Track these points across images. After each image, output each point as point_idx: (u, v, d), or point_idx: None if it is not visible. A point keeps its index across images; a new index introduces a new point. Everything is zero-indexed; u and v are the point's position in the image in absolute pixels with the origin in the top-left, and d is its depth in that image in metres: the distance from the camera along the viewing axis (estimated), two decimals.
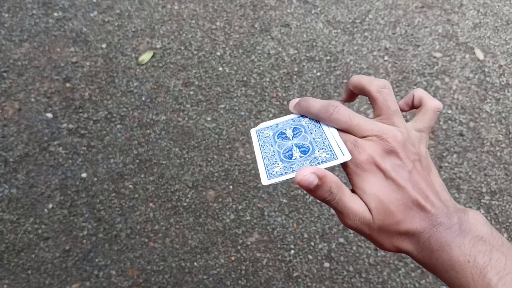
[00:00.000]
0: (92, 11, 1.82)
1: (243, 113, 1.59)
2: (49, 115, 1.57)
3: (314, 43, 1.75)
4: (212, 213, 1.40)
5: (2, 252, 1.33)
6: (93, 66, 1.68)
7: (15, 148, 1.50)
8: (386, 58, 1.72)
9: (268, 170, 0.34)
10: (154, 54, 1.72)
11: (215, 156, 1.50)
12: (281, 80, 1.66)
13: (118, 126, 1.56)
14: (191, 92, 1.63)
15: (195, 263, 1.33)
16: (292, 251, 1.35)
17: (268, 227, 1.38)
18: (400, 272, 1.32)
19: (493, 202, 1.43)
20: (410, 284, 1.30)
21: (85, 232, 1.37)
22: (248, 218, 1.40)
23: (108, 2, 1.85)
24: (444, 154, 1.51)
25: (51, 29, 1.77)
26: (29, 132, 1.53)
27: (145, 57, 1.71)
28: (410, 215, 0.31)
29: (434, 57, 1.72)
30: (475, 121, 1.58)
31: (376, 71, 1.68)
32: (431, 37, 1.77)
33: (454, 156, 1.51)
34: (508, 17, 1.83)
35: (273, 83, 1.66)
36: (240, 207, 1.41)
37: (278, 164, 0.34)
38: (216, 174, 1.47)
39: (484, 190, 1.45)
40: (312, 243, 1.36)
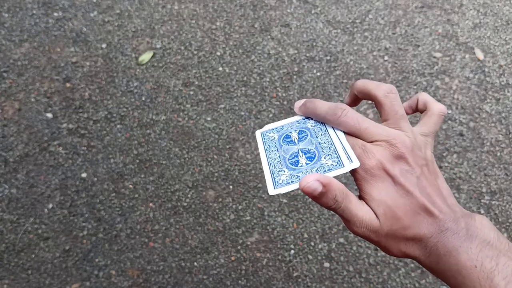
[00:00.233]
0: (92, 11, 1.82)
1: (243, 113, 1.59)
2: (49, 115, 1.57)
3: (314, 43, 1.75)
4: (212, 213, 1.40)
5: (2, 252, 1.33)
6: (93, 66, 1.68)
7: (15, 148, 1.50)
8: (386, 58, 1.72)
9: (274, 178, 0.34)
10: (154, 54, 1.72)
11: (215, 156, 1.50)
12: (281, 80, 1.66)
13: (118, 126, 1.56)
14: (191, 92, 1.63)
15: (195, 263, 1.33)
16: (292, 251, 1.35)
17: (268, 227, 1.38)
18: (400, 272, 1.32)
19: (493, 202, 1.43)
20: (410, 284, 1.30)
21: (85, 232, 1.37)
22: (248, 218, 1.40)
23: (108, 2, 1.85)
24: (444, 154, 1.51)
25: (51, 29, 1.77)
26: (29, 132, 1.53)
27: (145, 57, 1.71)
28: (417, 221, 0.31)
29: (434, 57, 1.72)
30: (475, 121, 1.58)
31: (376, 71, 1.68)
32: (431, 37, 1.77)
33: (454, 156, 1.51)
34: (508, 17, 1.83)
35: (273, 83, 1.66)
36: (240, 207, 1.41)
37: (284, 171, 0.34)
38: (216, 174, 1.47)
39: (484, 190, 1.45)
40: (312, 243, 1.36)
